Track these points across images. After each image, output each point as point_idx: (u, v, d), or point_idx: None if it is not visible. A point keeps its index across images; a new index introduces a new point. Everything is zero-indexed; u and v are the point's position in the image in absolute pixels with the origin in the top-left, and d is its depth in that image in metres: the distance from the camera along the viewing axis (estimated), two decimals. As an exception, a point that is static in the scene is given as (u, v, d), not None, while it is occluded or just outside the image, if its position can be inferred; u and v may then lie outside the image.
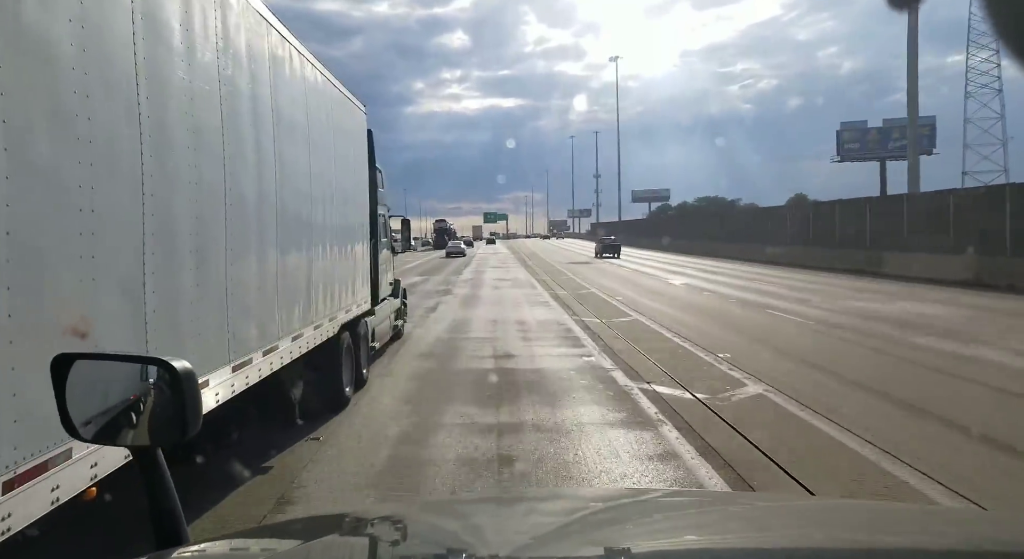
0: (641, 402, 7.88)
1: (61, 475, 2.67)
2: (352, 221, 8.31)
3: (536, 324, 14.97)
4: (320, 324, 6.70)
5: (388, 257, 11.73)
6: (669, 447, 6.25)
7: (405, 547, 1.37)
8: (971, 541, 1.29)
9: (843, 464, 5.77)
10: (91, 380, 1.46)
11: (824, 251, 32.55)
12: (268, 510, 4.93)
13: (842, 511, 1.73)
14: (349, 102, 8.29)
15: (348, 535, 1.51)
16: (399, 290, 12.93)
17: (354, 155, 8.47)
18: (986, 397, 8.00)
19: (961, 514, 2.73)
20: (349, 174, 8.13)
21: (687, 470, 5.66)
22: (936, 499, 4.91)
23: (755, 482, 5.35)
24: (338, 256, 7.56)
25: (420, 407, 7.87)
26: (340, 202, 7.58)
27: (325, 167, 7.03)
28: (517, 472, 5.71)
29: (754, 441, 6.27)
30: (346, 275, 7.95)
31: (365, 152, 9.24)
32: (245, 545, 1.57)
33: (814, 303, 17.67)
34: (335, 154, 7.43)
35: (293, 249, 5.91)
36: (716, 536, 1.40)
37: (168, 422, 1.41)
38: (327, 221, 7.03)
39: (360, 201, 8.87)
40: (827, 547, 1.26)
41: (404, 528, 1.51)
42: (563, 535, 1.35)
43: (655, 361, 10.25)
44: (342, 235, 7.75)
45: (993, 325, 13.64)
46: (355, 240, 8.50)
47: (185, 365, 1.38)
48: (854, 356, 10.86)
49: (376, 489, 5.39)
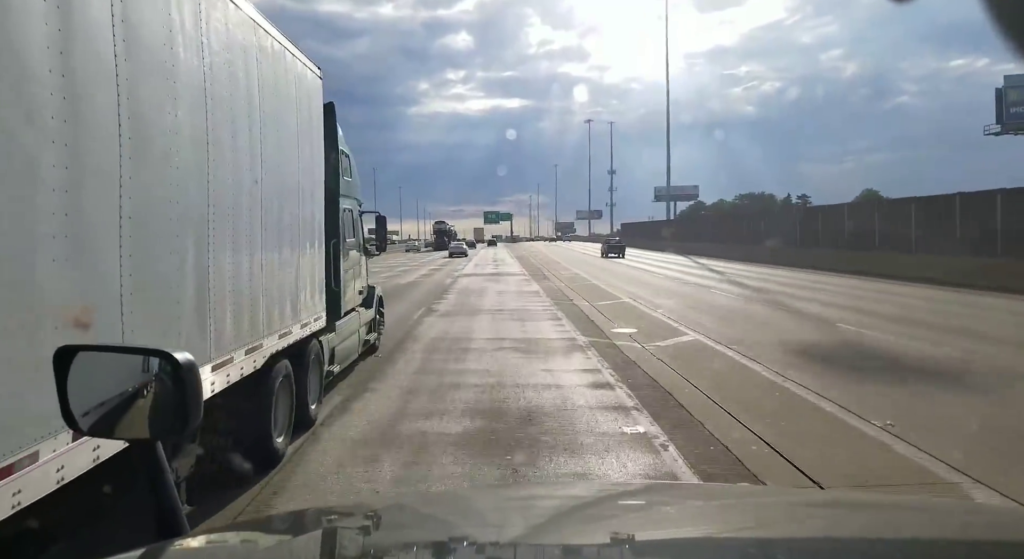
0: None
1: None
2: (294, 215, 6.33)
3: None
4: (229, 359, 4.74)
5: (358, 261, 9.77)
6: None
7: (406, 536, 1.37)
8: (970, 533, 1.29)
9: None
10: (93, 372, 1.47)
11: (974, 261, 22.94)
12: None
13: (846, 504, 1.80)
14: (290, 58, 6.31)
15: (349, 526, 1.49)
16: (373, 298, 10.92)
17: (298, 130, 6.48)
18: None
19: (961, 507, 2.60)
20: (287, 153, 6.15)
21: None
22: None
23: None
24: (269, 262, 5.60)
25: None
26: (271, 188, 5.61)
27: (241, 140, 5.06)
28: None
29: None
30: (283, 286, 5.98)
31: (319, 128, 7.26)
32: (244, 536, 1.51)
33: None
34: (261, 125, 5.48)
35: (169, 254, 3.94)
36: (717, 527, 1.38)
37: (169, 415, 1.42)
38: (244, 214, 5.07)
39: (310, 190, 6.89)
40: (829, 537, 1.27)
41: (404, 518, 1.53)
42: (564, 523, 1.35)
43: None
44: (276, 233, 5.79)
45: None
46: (300, 240, 6.53)
47: (187, 357, 1.39)
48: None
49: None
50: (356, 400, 8.07)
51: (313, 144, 7.03)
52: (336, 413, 7.47)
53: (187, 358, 1.38)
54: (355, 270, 9.48)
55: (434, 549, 1.30)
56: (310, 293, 6.82)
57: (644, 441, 6.41)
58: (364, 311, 10.11)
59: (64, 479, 2.81)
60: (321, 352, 7.30)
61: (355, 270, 9.48)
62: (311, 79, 7.04)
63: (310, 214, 6.91)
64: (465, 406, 7.74)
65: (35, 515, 3.14)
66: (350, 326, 8.91)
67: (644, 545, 1.22)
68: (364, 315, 10.07)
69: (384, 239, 11.59)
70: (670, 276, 30.79)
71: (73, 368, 1.44)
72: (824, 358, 10.57)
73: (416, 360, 10.68)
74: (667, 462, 5.85)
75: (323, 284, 7.34)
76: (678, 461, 5.85)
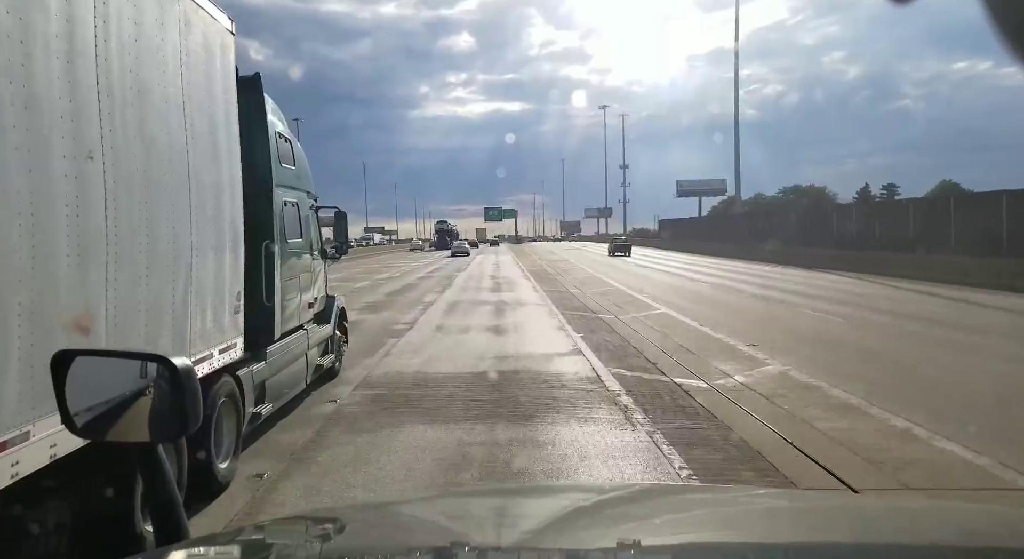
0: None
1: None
2: (180, 210, 4.64)
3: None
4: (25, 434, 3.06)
5: (309, 266, 8.06)
6: None
7: (406, 540, 1.36)
8: (973, 536, 1.27)
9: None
10: (91, 377, 1.48)
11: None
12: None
13: (857, 508, 1.78)
14: (176, 2, 4.62)
15: (350, 529, 1.48)
16: (332, 312, 9.09)
17: (188, 99, 4.77)
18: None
19: (963, 509, 2.46)
20: (163, 130, 4.44)
21: None
22: None
23: None
24: (129, 277, 3.92)
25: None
26: (126, 174, 3.92)
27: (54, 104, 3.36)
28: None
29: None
30: (160, 308, 4.31)
31: (230, 100, 5.57)
32: (246, 540, 1.50)
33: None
34: (118, 87, 3.79)
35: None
36: (725, 531, 1.37)
37: (168, 419, 1.43)
38: (98, 204, 3.38)
39: (213, 180, 5.19)
40: (840, 543, 1.24)
41: (405, 522, 1.52)
42: (568, 527, 1.33)
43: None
44: (141, 236, 4.10)
45: None
46: (195, 243, 4.83)
47: (185, 362, 1.41)
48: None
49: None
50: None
51: (218, 120, 5.32)
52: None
53: (185, 363, 1.40)
54: (304, 278, 7.77)
55: (435, 554, 1.26)
56: (213, 315, 5.13)
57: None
58: (316, 328, 8.36)
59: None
60: (238, 391, 5.60)
61: (304, 278, 7.77)
62: (214, 32, 5.32)
63: (214, 210, 5.21)
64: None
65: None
66: (293, 349, 7.20)
67: (646, 550, 1.19)
68: (317, 333, 8.30)
69: (345, 240, 9.85)
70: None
71: (71, 372, 1.45)
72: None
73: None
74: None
75: (239, 300, 5.65)
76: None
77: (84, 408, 1.44)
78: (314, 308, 8.32)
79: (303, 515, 2.89)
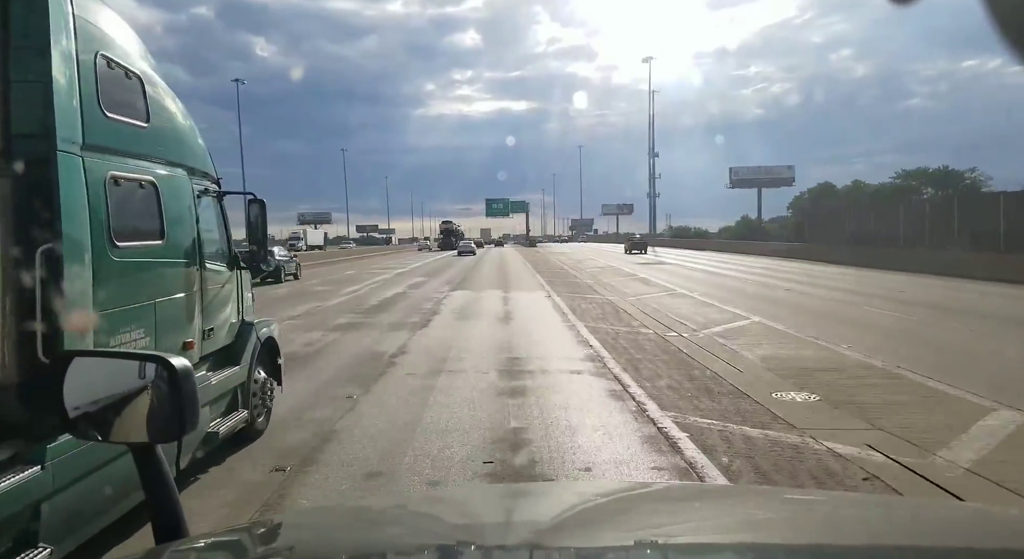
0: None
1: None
2: None
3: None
4: None
5: (195, 282, 5.14)
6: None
7: (411, 537, 1.35)
8: (970, 537, 1.27)
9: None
10: (89, 377, 1.46)
11: None
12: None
13: (874, 510, 1.70)
14: None
15: (352, 527, 1.48)
16: (246, 347, 6.12)
17: None
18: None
19: (962, 510, 2.47)
20: None
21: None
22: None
23: None
24: None
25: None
26: None
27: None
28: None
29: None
30: None
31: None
32: (245, 538, 1.47)
33: None
34: None
35: None
36: (744, 532, 1.34)
37: (166, 419, 1.39)
38: None
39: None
40: (856, 546, 1.23)
41: (409, 518, 1.49)
42: (583, 525, 1.32)
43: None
44: None
45: None
46: None
47: (184, 363, 1.38)
48: None
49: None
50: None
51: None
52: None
53: (183, 363, 1.38)
54: (172, 305, 4.84)
55: (440, 552, 1.25)
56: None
57: None
58: (214, 376, 5.52)
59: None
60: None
61: (172, 305, 4.84)
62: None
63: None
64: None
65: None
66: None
67: (664, 549, 1.19)
68: (218, 382, 5.51)
69: (263, 238, 6.50)
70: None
71: (70, 373, 1.43)
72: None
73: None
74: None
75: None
76: None
77: (83, 409, 1.43)
78: (228, 336, 5.86)
79: (302, 512, 2.96)
